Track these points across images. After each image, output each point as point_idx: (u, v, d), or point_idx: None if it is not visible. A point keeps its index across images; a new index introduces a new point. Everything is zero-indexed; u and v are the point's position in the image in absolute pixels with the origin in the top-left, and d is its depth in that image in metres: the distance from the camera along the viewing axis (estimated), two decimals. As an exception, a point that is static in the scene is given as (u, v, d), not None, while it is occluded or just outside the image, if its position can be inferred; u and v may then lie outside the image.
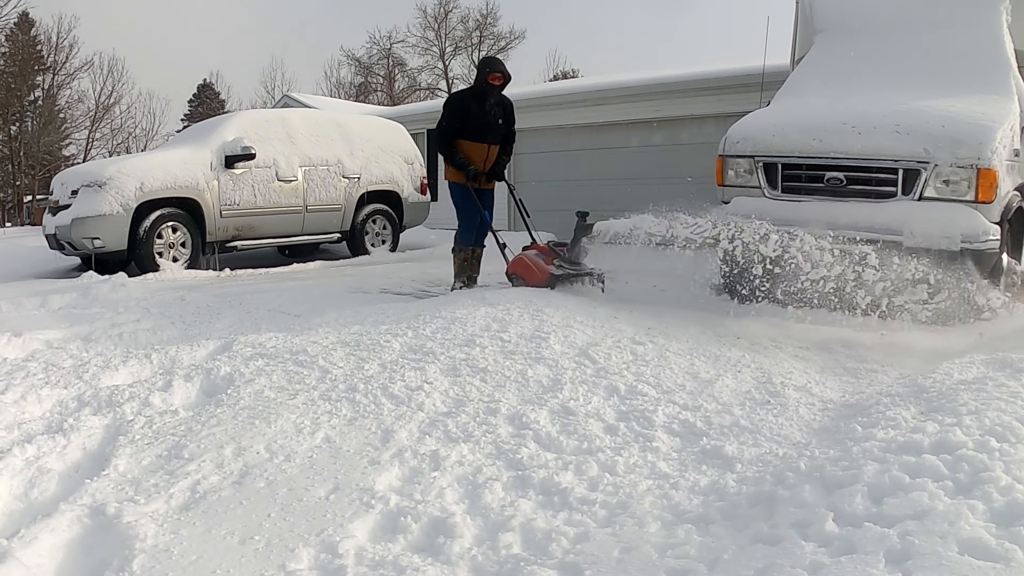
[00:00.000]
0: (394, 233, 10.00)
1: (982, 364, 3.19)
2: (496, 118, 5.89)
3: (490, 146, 5.90)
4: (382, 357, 3.51)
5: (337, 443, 2.66)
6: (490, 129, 5.87)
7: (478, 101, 5.81)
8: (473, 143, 5.83)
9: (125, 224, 7.54)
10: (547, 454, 2.56)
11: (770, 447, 2.59)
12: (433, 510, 2.19)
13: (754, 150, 5.24)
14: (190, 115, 44.17)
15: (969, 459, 2.04)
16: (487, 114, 5.83)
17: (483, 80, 5.81)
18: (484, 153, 5.88)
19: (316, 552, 2.00)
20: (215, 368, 3.44)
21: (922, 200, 4.64)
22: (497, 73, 5.82)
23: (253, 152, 8.36)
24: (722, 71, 10.26)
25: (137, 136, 39.69)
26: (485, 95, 5.80)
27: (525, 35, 43.53)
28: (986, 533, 1.69)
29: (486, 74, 5.82)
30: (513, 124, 6.11)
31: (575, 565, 1.90)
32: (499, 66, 5.94)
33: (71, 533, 2.15)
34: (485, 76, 5.81)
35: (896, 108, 4.92)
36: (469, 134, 5.81)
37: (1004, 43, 5.34)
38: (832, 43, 6.11)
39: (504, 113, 5.98)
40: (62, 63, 37.07)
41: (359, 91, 41.69)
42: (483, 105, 5.80)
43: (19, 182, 35.39)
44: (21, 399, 3.16)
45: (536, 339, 3.71)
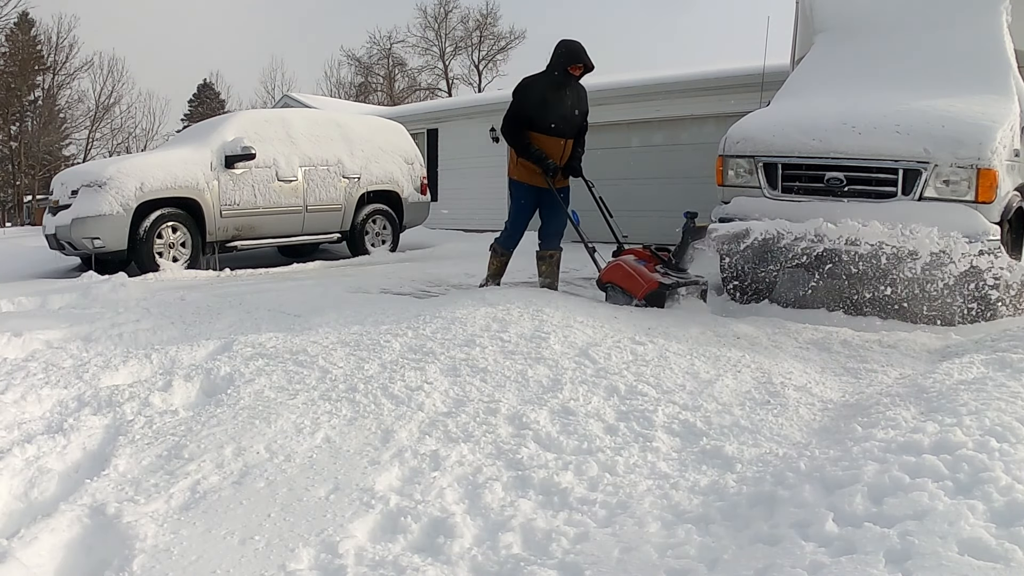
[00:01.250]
0: (394, 233, 10.01)
1: (982, 364, 3.19)
2: (573, 109, 5.32)
3: (566, 141, 5.32)
4: (382, 357, 3.51)
5: (337, 443, 2.66)
6: (567, 122, 5.29)
7: (555, 90, 5.23)
8: (548, 137, 5.25)
9: (125, 224, 7.54)
10: (547, 454, 2.56)
11: (770, 447, 2.59)
12: (433, 510, 2.19)
13: (754, 150, 5.24)
14: (190, 115, 44.20)
15: (969, 459, 2.04)
16: (564, 104, 5.25)
17: (563, 68, 5.20)
18: (560, 148, 5.32)
19: (316, 552, 2.00)
20: (215, 368, 3.44)
21: (922, 200, 4.65)
22: (579, 63, 5.20)
23: (253, 152, 8.37)
24: (722, 71, 10.27)
25: (137, 136, 39.79)
26: (563, 84, 5.24)
27: (525, 35, 43.57)
28: (986, 533, 1.69)
29: (566, 63, 5.19)
30: (587, 115, 5.50)
31: (575, 565, 1.90)
32: (582, 56, 5.21)
33: (71, 533, 2.15)
34: (565, 65, 5.19)
35: (896, 108, 4.92)
36: (544, 127, 5.22)
37: (1004, 43, 5.34)
38: (832, 43, 6.11)
39: (580, 105, 5.40)
40: (62, 63, 37.15)
41: (359, 91, 41.72)
42: (560, 94, 5.23)
43: (19, 182, 35.40)
44: (21, 399, 3.16)
45: (536, 339, 3.71)
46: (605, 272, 4.98)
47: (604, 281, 4.97)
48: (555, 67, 5.23)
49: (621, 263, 4.90)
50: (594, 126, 12.33)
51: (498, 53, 42.71)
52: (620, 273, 4.84)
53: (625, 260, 4.92)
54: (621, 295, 4.83)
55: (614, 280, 4.87)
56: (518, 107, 5.26)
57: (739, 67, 9.83)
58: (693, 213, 4.96)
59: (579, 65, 5.19)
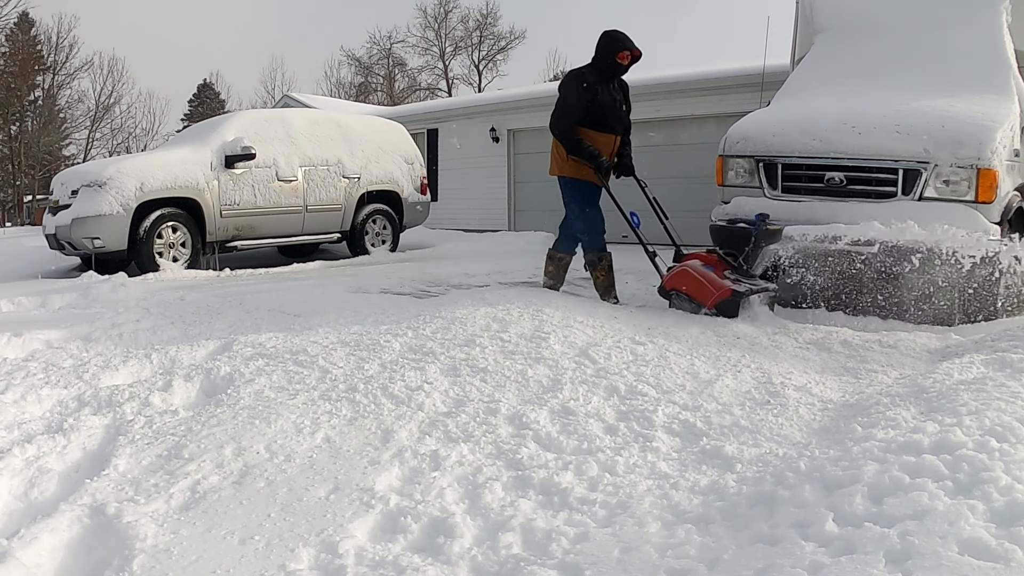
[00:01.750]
0: (394, 233, 10.01)
1: (982, 364, 3.18)
2: (621, 103, 5.07)
3: (616, 137, 5.04)
4: (382, 357, 3.51)
5: (337, 443, 2.66)
6: (617, 116, 5.02)
7: (604, 83, 4.94)
8: (599, 133, 4.95)
9: (125, 224, 7.55)
10: (547, 454, 2.56)
11: (770, 447, 2.59)
12: (433, 510, 2.19)
13: (754, 150, 5.24)
14: (190, 115, 44.22)
15: (969, 459, 2.04)
16: (614, 99, 4.99)
17: (610, 59, 4.92)
18: (611, 145, 5.03)
19: (316, 552, 2.00)
20: (215, 368, 3.44)
21: (922, 200, 4.65)
22: (627, 51, 4.93)
23: (253, 152, 8.37)
24: (722, 71, 10.27)
25: (137, 136, 39.81)
26: (610, 76, 4.97)
27: (525, 35, 43.66)
28: (986, 533, 1.69)
29: (614, 52, 4.92)
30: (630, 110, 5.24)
31: (575, 565, 1.90)
32: (629, 43, 4.94)
33: (71, 533, 2.15)
34: (613, 54, 4.92)
35: (896, 108, 4.92)
36: (594, 122, 4.92)
37: (1004, 43, 5.34)
38: (832, 43, 6.11)
39: (626, 98, 5.15)
40: (62, 63, 37.17)
41: (359, 91, 41.73)
42: (609, 88, 4.95)
43: (19, 182, 35.41)
44: (21, 399, 3.16)
45: (536, 339, 3.71)
46: (669, 278, 4.64)
47: (668, 288, 4.64)
48: (602, 58, 4.96)
49: (688, 268, 4.55)
50: (594, 126, 12.32)
51: (498, 53, 42.76)
52: (689, 280, 4.49)
53: (691, 265, 4.56)
54: (688, 303, 4.52)
55: (680, 287, 4.53)
56: (567, 102, 4.97)
57: (739, 67, 9.83)
58: (764, 215, 4.69)
59: (626, 53, 4.92)
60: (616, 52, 4.90)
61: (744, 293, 4.40)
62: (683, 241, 5.18)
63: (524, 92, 14.14)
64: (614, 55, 4.90)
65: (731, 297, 4.34)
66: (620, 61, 4.93)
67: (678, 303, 4.61)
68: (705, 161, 7.33)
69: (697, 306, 4.50)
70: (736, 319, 4.45)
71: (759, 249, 4.63)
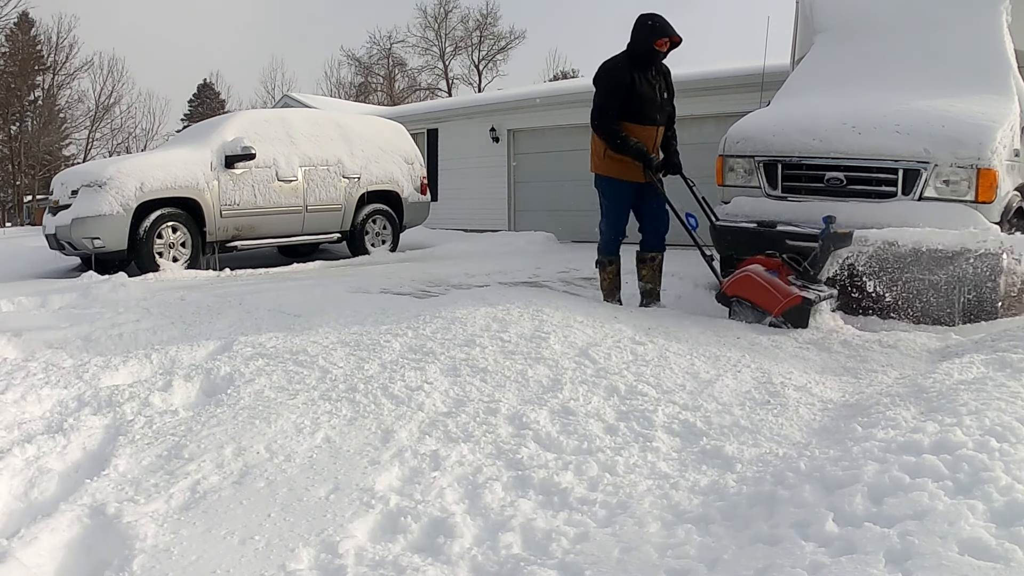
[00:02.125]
0: (394, 233, 10.01)
1: (982, 364, 3.18)
2: (662, 92, 4.83)
3: (658, 128, 4.83)
4: (382, 357, 3.51)
5: (337, 443, 2.66)
6: (657, 107, 4.78)
7: (642, 72, 4.71)
8: (640, 126, 4.73)
9: (125, 224, 7.55)
10: (547, 454, 2.56)
11: (770, 447, 2.59)
12: (433, 510, 2.19)
13: (754, 150, 5.24)
14: (190, 115, 44.24)
15: (969, 459, 2.04)
16: (653, 88, 4.75)
17: (648, 46, 4.67)
18: (653, 137, 4.81)
19: (316, 552, 2.00)
20: (215, 368, 3.44)
21: (922, 200, 4.65)
22: (665, 38, 4.69)
23: (253, 152, 8.37)
24: (722, 71, 10.27)
25: (137, 136, 39.86)
26: (648, 64, 4.74)
27: (525, 35, 43.68)
28: (986, 533, 1.69)
29: (653, 39, 4.68)
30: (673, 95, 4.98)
31: (575, 565, 1.90)
32: (669, 28, 4.70)
33: (71, 533, 2.15)
34: (651, 41, 4.68)
35: (896, 108, 4.92)
36: (634, 115, 4.69)
37: (1004, 43, 5.34)
38: (832, 43, 6.11)
39: (668, 86, 4.88)
40: (62, 63, 37.19)
41: (359, 91, 41.75)
42: (647, 76, 4.72)
43: (19, 182, 35.42)
44: (21, 399, 3.16)
45: (536, 339, 3.71)
46: (731, 284, 4.39)
47: (729, 294, 4.38)
48: (638, 45, 4.70)
49: (751, 274, 4.30)
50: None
51: (498, 53, 42.79)
52: (753, 286, 4.23)
53: (755, 271, 4.31)
54: (751, 311, 4.27)
55: (743, 294, 4.28)
56: (603, 96, 4.74)
57: (739, 67, 9.83)
58: (831, 217, 4.40)
59: (665, 40, 4.68)
60: (655, 39, 4.67)
61: (814, 300, 4.16)
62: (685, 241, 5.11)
63: (524, 92, 14.15)
64: (652, 42, 4.67)
65: (801, 304, 4.10)
66: (659, 48, 4.70)
67: (739, 311, 4.36)
68: (705, 161, 7.32)
69: (762, 314, 4.27)
70: (737, 319, 4.45)
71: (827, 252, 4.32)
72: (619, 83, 4.69)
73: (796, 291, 4.17)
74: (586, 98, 13.01)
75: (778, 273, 4.33)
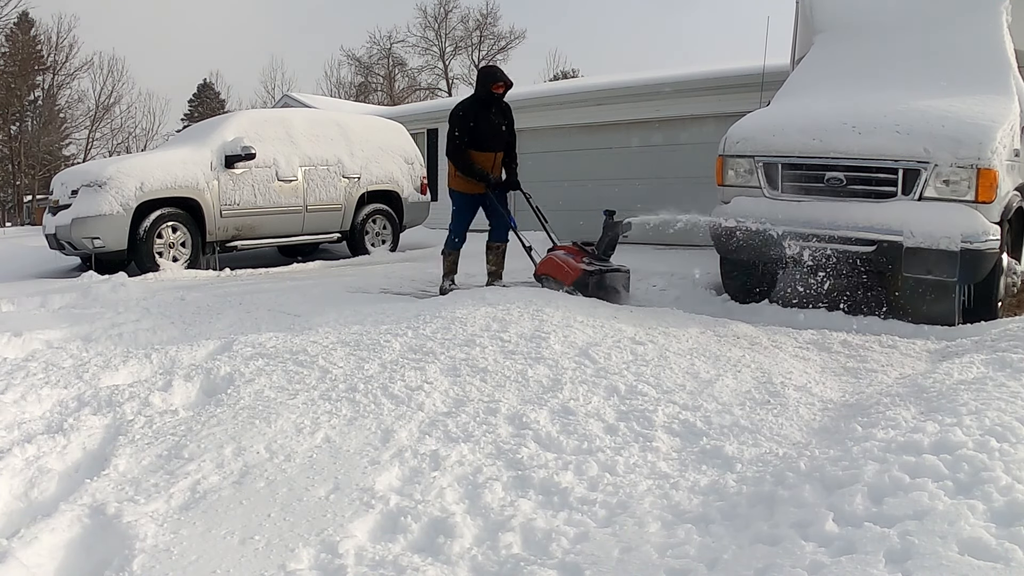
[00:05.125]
0: (394, 233, 10.00)
1: (982, 364, 3.18)
2: (500, 126, 6.04)
3: (496, 154, 6.07)
4: (382, 357, 3.51)
5: (337, 443, 2.66)
6: (497, 138, 6.04)
7: (484, 111, 5.95)
8: (482, 153, 5.97)
9: (125, 224, 7.54)
10: (547, 454, 2.56)
11: (770, 447, 2.59)
12: (433, 510, 2.19)
13: (754, 150, 5.24)
14: (190, 115, 44.24)
15: (969, 459, 2.04)
16: (492, 124, 5.98)
17: (487, 90, 5.93)
18: (491, 161, 6.06)
19: (316, 552, 2.00)
20: (215, 368, 3.44)
21: (922, 200, 4.64)
22: (500, 83, 5.95)
23: (253, 152, 8.36)
24: (722, 71, 10.26)
25: (137, 136, 39.84)
26: (489, 104, 5.95)
27: (525, 35, 43.69)
28: (986, 533, 1.69)
29: (489, 84, 5.93)
30: (513, 128, 6.24)
31: (575, 565, 1.90)
32: (501, 75, 6.03)
33: (71, 533, 2.15)
34: (488, 86, 5.93)
35: (896, 108, 4.91)
36: (478, 144, 5.93)
37: (1004, 43, 5.34)
38: (832, 43, 6.11)
39: (506, 120, 6.12)
40: (62, 63, 37.17)
41: (359, 91, 41.74)
42: (488, 114, 5.96)
43: (19, 182, 35.41)
44: (21, 399, 3.16)
45: (536, 339, 3.71)
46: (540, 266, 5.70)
47: (538, 274, 5.69)
48: (481, 90, 5.95)
49: (552, 257, 5.63)
50: (593, 126, 12.43)
51: (498, 53, 42.73)
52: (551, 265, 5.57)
53: (556, 255, 5.64)
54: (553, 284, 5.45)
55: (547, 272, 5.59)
56: (456, 130, 5.93)
57: (739, 67, 9.82)
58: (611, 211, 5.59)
59: (500, 84, 5.91)
60: (492, 84, 5.90)
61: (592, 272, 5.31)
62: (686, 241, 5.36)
63: (524, 92, 14.11)
64: (490, 87, 5.90)
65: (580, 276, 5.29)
66: (495, 91, 5.92)
67: (547, 285, 5.50)
68: (705, 161, 7.32)
69: (559, 284, 5.41)
70: (736, 319, 4.46)
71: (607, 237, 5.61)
72: (465, 121, 5.93)
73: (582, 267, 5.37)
74: (588, 97, 13.04)
75: (573, 255, 5.54)
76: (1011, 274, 4.99)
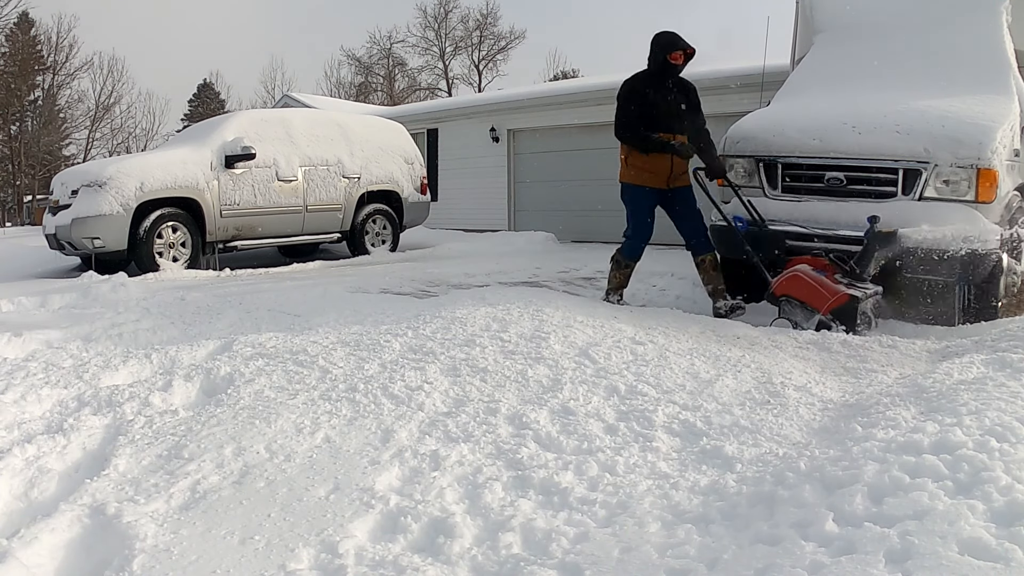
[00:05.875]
0: (394, 233, 10.01)
1: (982, 364, 3.18)
2: (678, 104, 5.09)
3: (675, 136, 5.07)
4: (382, 357, 3.51)
5: (337, 443, 2.66)
6: (675, 118, 5.05)
7: (658, 86, 5.03)
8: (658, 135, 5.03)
9: (125, 224, 7.55)
10: (547, 454, 2.56)
11: (770, 447, 2.59)
12: (433, 510, 2.19)
13: (754, 150, 5.24)
14: (190, 115, 44.25)
15: (969, 459, 2.04)
16: (667, 102, 5.03)
17: (661, 60, 4.98)
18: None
19: (316, 552, 2.00)
20: (215, 368, 3.44)
21: (922, 200, 4.65)
22: (678, 51, 4.97)
23: (253, 152, 8.37)
24: (722, 71, 10.26)
25: (137, 136, 39.89)
26: (664, 77, 5.03)
27: (525, 35, 43.70)
28: (986, 533, 1.69)
29: (666, 52, 4.96)
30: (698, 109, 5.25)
31: (575, 565, 1.90)
32: (680, 42, 4.98)
33: (71, 533, 2.15)
34: (664, 55, 4.97)
35: (896, 108, 4.92)
36: (648, 126, 4.99)
37: (1004, 43, 5.34)
38: (832, 43, 6.11)
39: (686, 98, 5.15)
40: (62, 63, 37.20)
41: (359, 91, 41.76)
42: (663, 90, 5.02)
43: (19, 182, 35.42)
44: (21, 399, 3.16)
45: (536, 339, 3.71)
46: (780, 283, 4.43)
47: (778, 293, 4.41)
48: (655, 60, 5.02)
49: (799, 273, 4.36)
50: (593, 126, 12.42)
51: (498, 53, 42.79)
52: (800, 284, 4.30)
53: (802, 269, 4.39)
54: (800, 310, 4.33)
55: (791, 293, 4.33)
56: (620, 113, 5.12)
57: (739, 67, 9.82)
58: (875, 217, 4.46)
59: (678, 52, 4.95)
60: (669, 52, 4.96)
61: (861, 299, 4.23)
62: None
63: (524, 92, 14.14)
64: (666, 55, 4.96)
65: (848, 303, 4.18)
66: (673, 62, 4.98)
67: (788, 310, 4.40)
68: (705, 161, 7.31)
69: (811, 312, 4.31)
70: (735, 319, 4.45)
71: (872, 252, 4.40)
72: (632, 98, 5.05)
73: (843, 289, 4.24)
74: (588, 97, 13.01)
75: (825, 272, 4.39)
76: (1011, 274, 4.99)
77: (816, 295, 4.25)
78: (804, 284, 4.33)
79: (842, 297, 4.21)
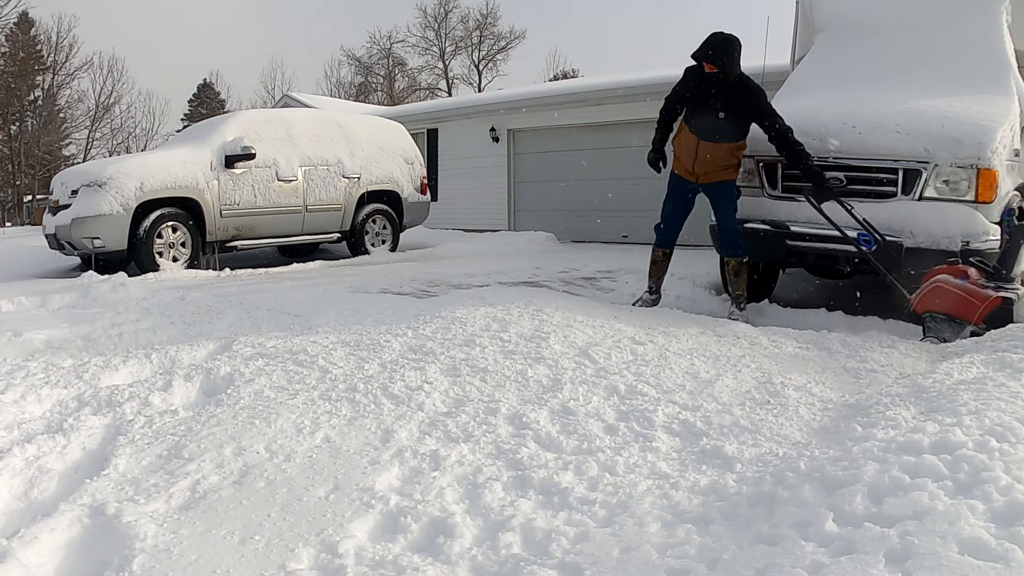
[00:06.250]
0: (394, 233, 10.01)
1: (982, 364, 3.18)
2: (715, 111, 4.91)
3: (702, 141, 4.95)
4: (382, 357, 3.51)
5: (337, 443, 2.66)
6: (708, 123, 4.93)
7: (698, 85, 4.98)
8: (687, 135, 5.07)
9: (125, 224, 7.54)
10: (547, 454, 2.56)
11: (770, 447, 2.59)
12: (433, 510, 2.19)
13: (754, 150, 5.24)
14: (190, 115, 44.26)
15: (969, 459, 2.04)
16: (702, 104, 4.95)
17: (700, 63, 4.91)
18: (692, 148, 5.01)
19: (316, 552, 2.00)
20: (215, 368, 3.44)
21: (922, 200, 4.65)
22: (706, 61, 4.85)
23: (253, 152, 8.36)
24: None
25: (137, 136, 39.89)
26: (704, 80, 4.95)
27: (525, 35, 43.72)
28: (986, 533, 1.69)
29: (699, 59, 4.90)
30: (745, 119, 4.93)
31: (575, 565, 1.90)
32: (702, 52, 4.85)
33: (71, 533, 2.15)
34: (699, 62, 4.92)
35: (896, 108, 4.92)
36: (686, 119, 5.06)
37: (1004, 43, 5.34)
38: (832, 43, 6.11)
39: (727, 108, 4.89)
40: (62, 63, 37.21)
41: (359, 91, 41.76)
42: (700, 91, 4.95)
43: (19, 182, 35.42)
44: (21, 399, 3.16)
45: (536, 339, 3.71)
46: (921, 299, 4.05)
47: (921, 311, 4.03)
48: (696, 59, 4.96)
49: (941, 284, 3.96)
50: (593, 126, 12.41)
51: (498, 53, 42.80)
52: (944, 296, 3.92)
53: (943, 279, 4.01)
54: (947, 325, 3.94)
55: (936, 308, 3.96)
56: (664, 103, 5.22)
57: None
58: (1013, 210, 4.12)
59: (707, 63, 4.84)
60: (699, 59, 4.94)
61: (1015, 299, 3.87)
62: (685, 241, 5.21)
63: (524, 92, 14.14)
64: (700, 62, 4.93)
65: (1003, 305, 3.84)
66: (707, 70, 4.91)
67: (934, 327, 4.00)
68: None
69: (960, 325, 3.96)
70: (735, 319, 4.44)
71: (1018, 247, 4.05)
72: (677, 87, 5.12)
73: (992, 292, 3.92)
74: (588, 97, 13.00)
75: (967, 278, 4.03)
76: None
77: (964, 305, 3.90)
78: (948, 295, 3.95)
79: (995, 301, 3.86)
